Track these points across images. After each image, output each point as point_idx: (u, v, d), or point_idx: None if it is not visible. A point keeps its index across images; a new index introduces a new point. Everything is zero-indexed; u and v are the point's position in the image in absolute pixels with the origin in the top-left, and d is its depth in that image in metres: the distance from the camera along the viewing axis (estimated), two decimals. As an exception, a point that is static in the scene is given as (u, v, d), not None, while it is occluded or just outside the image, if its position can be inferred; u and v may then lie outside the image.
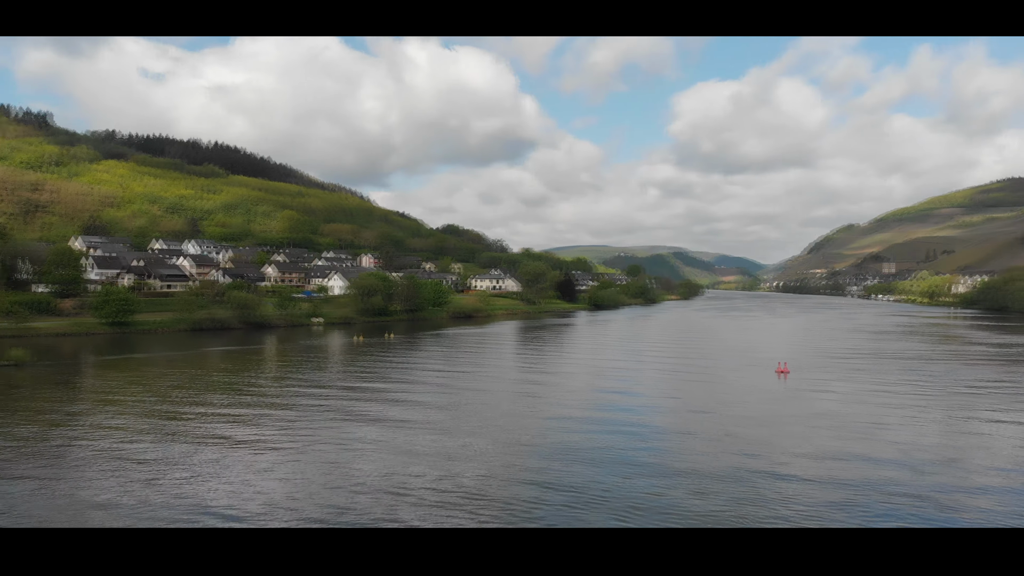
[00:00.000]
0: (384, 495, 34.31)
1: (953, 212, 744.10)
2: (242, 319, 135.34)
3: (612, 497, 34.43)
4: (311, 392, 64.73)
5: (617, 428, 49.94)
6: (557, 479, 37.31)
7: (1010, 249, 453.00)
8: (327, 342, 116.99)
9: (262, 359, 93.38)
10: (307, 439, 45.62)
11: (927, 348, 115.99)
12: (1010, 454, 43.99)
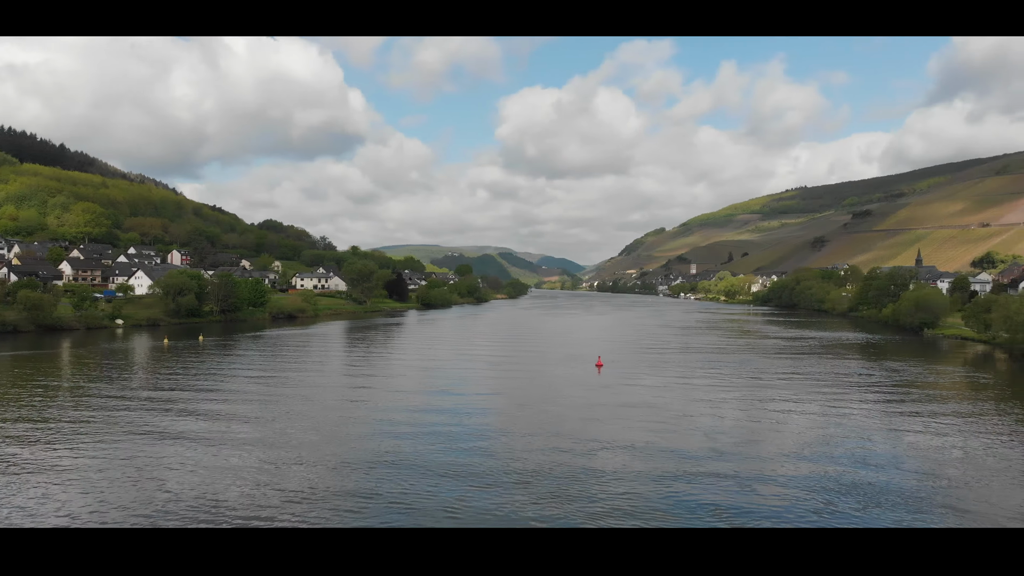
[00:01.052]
0: (189, 516, 31.82)
1: (751, 218, 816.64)
2: (33, 321, 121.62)
3: (439, 493, 34.13)
4: (104, 404, 58.00)
5: (444, 426, 49.73)
6: (379, 483, 36.44)
7: (800, 252, 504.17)
8: (130, 346, 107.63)
9: (54, 366, 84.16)
10: (98, 459, 41.29)
11: (726, 342, 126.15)
12: (799, 435, 48.58)
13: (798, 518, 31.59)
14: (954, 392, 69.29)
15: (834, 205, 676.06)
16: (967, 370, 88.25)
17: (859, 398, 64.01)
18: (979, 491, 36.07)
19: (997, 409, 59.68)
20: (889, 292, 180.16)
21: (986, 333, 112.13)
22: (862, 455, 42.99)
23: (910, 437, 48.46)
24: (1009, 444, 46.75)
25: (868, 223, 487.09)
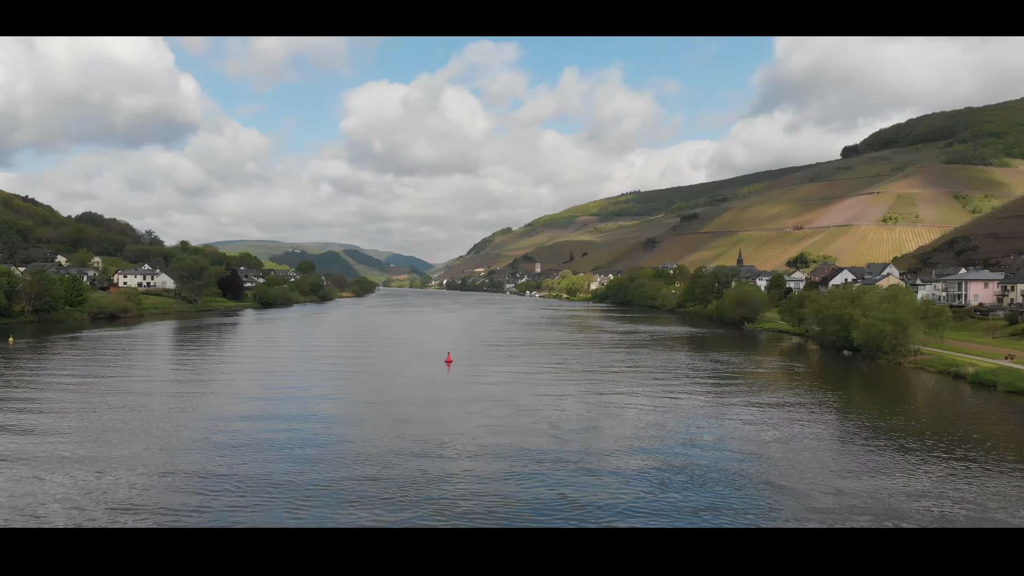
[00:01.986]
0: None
1: (591, 220, 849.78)
2: None
3: (281, 495, 33.09)
4: None
5: (284, 432, 47.99)
6: (214, 496, 34.80)
7: (634, 252, 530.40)
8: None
9: None
10: None
11: (568, 337, 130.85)
12: (635, 422, 51.33)
13: (636, 499, 33.45)
14: (772, 380, 75.82)
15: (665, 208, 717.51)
16: (783, 360, 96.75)
17: (688, 387, 68.51)
18: (794, 467, 39.78)
19: (809, 394, 65.96)
20: (713, 289, 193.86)
21: (800, 326, 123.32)
22: (691, 438, 46.15)
23: (733, 421, 52.56)
24: (819, 424, 51.90)
25: (695, 225, 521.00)
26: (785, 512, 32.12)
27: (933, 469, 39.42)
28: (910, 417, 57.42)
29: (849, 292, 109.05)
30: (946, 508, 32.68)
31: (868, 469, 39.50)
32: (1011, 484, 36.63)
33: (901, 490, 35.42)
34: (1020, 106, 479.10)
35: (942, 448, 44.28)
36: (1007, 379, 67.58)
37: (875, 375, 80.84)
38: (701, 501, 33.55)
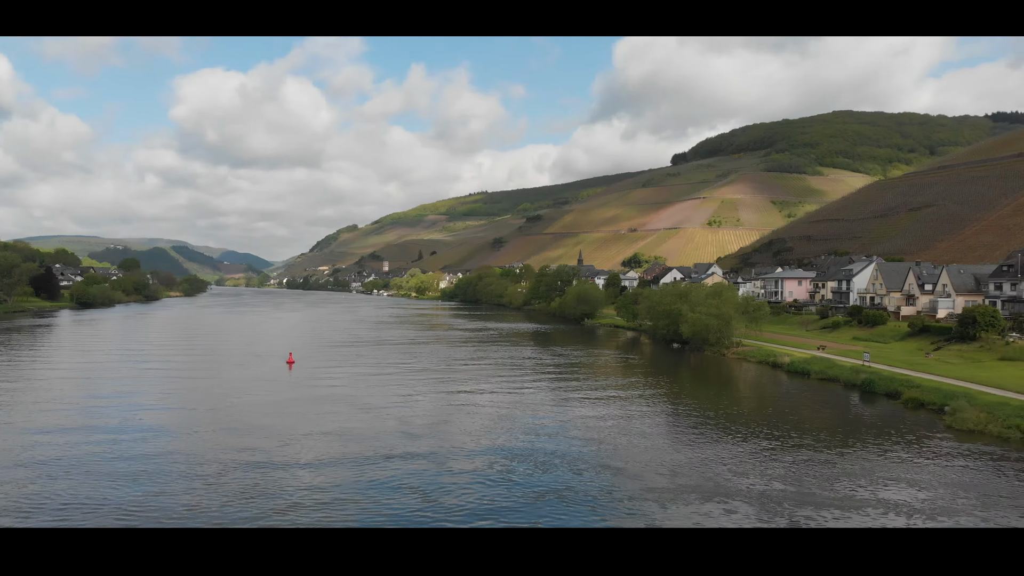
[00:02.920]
0: None
1: (439, 219, 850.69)
2: None
3: (104, 508, 30.72)
4: None
5: (107, 442, 44.61)
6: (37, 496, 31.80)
7: (482, 251, 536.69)
8: None
9: None
10: None
11: (417, 334, 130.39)
12: (483, 415, 52.07)
13: (487, 488, 33.99)
14: (609, 371, 79.42)
15: (512, 209, 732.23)
16: (619, 352, 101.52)
17: (533, 380, 70.38)
18: (630, 451, 41.93)
19: (643, 384, 69.66)
20: (556, 288, 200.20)
21: (634, 321, 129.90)
22: (536, 429, 47.51)
23: (575, 410, 54.62)
24: (653, 411, 55.01)
25: (540, 226, 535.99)
26: (620, 491, 33.82)
27: (755, 449, 42.91)
28: (734, 403, 62.14)
29: (678, 289, 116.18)
30: (767, 484, 35.68)
31: (697, 450, 42.38)
32: (824, 461, 40.58)
33: (728, 468, 38.29)
34: (832, 119, 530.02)
35: (763, 430, 48.28)
36: (819, 368, 74.67)
37: (702, 365, 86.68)
38: (545, 486, 34.64)
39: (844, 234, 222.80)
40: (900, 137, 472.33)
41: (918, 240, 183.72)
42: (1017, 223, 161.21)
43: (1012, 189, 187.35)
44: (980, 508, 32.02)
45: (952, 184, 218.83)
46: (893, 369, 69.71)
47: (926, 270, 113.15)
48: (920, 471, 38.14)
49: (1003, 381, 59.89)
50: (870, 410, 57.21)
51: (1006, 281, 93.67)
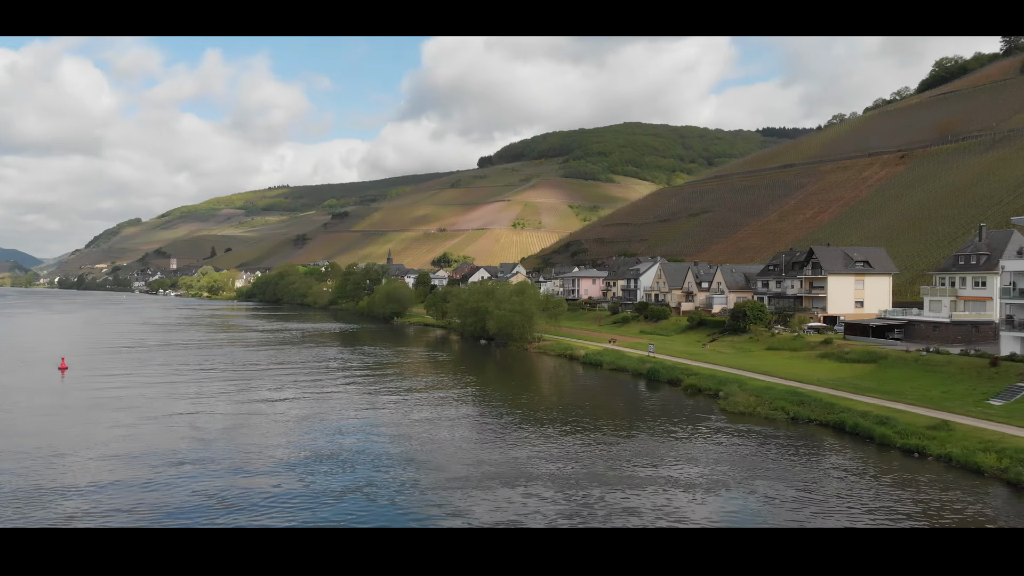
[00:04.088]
0: None
1: (236, 213, 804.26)
2: None
3: None
4: None
5: None
6: None
7: (283, 249, 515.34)
8: None
9: None
10: None
11: (211, 337, 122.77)
12: (287, 416, 50.17)
13: (288, 489, 32.78)
14: (418, 368, 79.62)
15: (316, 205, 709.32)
16: (428, 350, 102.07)
17: (339, 380, 68.88)
18: (437, 444, 42.31)
19: (451, 379, 70.56)
20: (364, 286, 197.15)
21: (443, 319, 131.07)
22: (341, 427, 46.61)
23: (382, 407, 54.21)
24: (459, 405, 55.87)
25: (346, 224, 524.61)
26: (424, 484, 34.09)
27: (554, 435, 44.95)
28: (535, 394, 64.71)
29: (485, 288, 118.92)
30: (565, 466, 37.50)
31: (503, 439, 43.68)
32: (614, 443, 43.34)
33: (529, 454, 39.81)
34: (623, 130, 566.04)
35: (561, 417, 50.68)
36: (610, 359, 79.60)
37: (506, 360, 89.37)
38: (348, 484, 34.12)
39: (633, 237, 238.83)
40: (683, 148, 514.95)
41: (697, 242, 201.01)
42: (782, 228, 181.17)
43: (778, 197, 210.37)
44: (749, 479, 35.78)
45: (727, 192, 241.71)
46: (675, 359, 75.94)
47: (703, 269, 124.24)
48: (698, 449, 41.91)
49: (769, 368, 67.23)
50: (655, 396, 61.92)
51: (772, 279, 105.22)
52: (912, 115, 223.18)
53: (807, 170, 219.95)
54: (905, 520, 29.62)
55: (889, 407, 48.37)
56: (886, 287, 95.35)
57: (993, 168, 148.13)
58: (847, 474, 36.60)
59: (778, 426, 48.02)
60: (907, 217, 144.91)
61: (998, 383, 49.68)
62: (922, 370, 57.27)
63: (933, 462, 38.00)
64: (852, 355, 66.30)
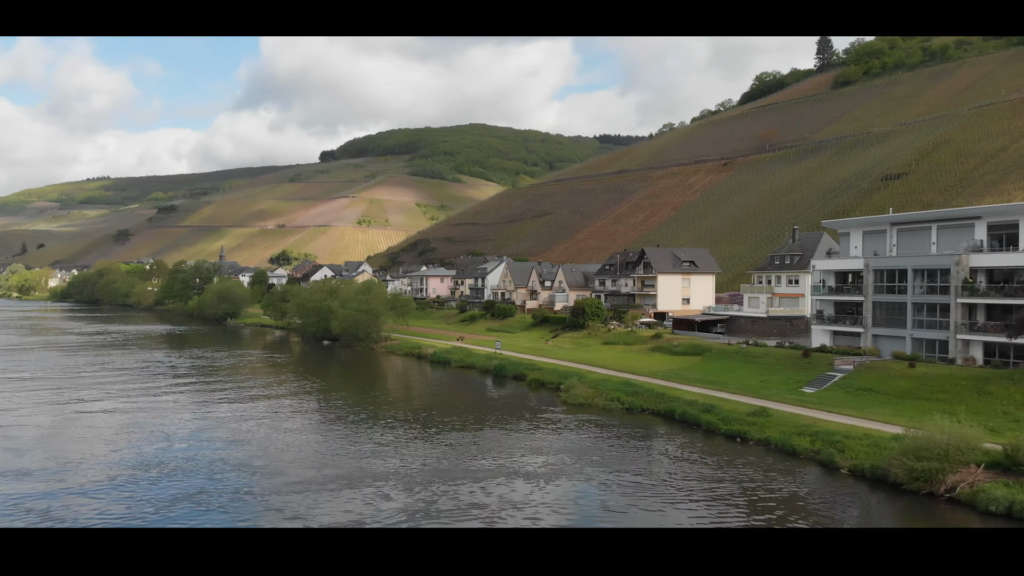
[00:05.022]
0: None
1: (49, 206, 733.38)
2: None
3: None
4: None
5: None
6: None
7: (104, 245, 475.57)
8: None
9: None
10: None
11: (21, 340, 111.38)
12: (105, 425, 46.40)
13: (110, 498, 30.37)
14: (255, 372, 76.24)
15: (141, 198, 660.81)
16: (266, 352, 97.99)
17: (167, 385, 64.69)
18: (278, 448, 40.77)
19: (292, 382, 68.15)
20: (194, 285, 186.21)
21: (283, 320, 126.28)
22: (171, 434, 43.85)
23: (217, 413, 51.47)
24: (302, 408, 54.11)
25: (174, 218, 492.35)
26: (262, 488, 32.76)
27: (402, 434, 44.61)
28: (383, 393, 63.93)
29: (328, 286, 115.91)
30: (413, 463, 37.30)
31: (347, 440, 42.79)
32: (462, 438, 43.64)
33: (376, 454, 39.27)
34: (469, 131, 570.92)
35: (409, 416, 50.39)
36: (458, 357, 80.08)
37: (352, 360, 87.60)
38: (177, 491, 32.24)
39: (480, 237, 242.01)
40: (526, 152, 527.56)
41: (540, 243, 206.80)
42: (617, 229, 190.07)
43: (614, 201, 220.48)
44: (587, 466, 37.23)
45: (567, 195, 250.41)
46: (520, 355, 77.66)
47: (546, 269, 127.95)
48: (541, 441, 43.11)
49: (606, 361, 70.27)
50: (501, 391, 63.04)
51: (608, 278, 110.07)
52: (734, 125, 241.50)
53: (640, 176, 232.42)
54: (728, 498, 31.97)
55: (714, 396, 52.02)
56: (710, 285, 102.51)
57: (806, 176, 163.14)
58: (676, 459, 38.99)
59: (614, 415, 50.32)
60: (729, 220, 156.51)
61: (810, 372, 54.73)
62: (743, 361, 62.02)
63: (754, 446, 41.29)
64: (680, 348, 70.67)
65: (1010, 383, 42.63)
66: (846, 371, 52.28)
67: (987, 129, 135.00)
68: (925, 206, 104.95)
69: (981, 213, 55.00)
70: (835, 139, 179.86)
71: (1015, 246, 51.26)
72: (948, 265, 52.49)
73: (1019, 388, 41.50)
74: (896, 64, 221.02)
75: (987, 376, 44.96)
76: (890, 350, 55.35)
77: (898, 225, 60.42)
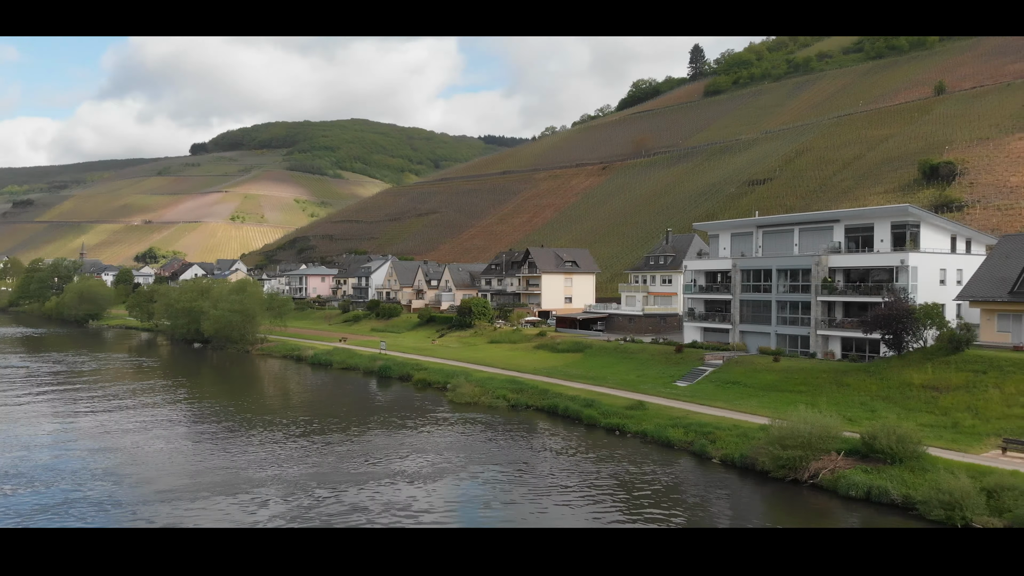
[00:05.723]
0: None
1: None
2: None
3: None
4: None
5: None
6: None
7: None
8: None
9: None
10: None
11: None
12: (-55, 438, 42.37)
13: (-51, 525, 27.70)
14: (119, 376, 71.65)
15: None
16: (132, 356, 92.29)
17: (24, 391, 59.94)
18: (146, 457, 38.48)
19: (160, 386, 64.52)
20: (53, 285, 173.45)
21: (150, 321, 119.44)
22: (30, 442, 40.72)
23: (80, 420, 48.07)
24: (171, 414, 51.34)
25: (31, 213, 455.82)
26: (129, 498, 30.88)
27: (282, 439, 43.16)
28: (260, 398, 61.63)
29: (199, 286, 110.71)
30: (294, 469, 36.16)
31: (222, 446, 40.96)
32: (347, 441, 42.70)
33: (255, 460, 37.79)
34: (350, 126, 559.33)
35: (290, 421, 48.81)
36: (340, 358, 78.31)
37: (225, 364, 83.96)
38: (36, 503, 29.97)
39: (363, 235, 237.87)
40: (411, 149, 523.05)
41: (426, 242, 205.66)
42: (502, 229, 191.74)
43: (498, 201, 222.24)
44: (473, 464, 37.32)
45: (452, 195, 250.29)
46: (406, 355, 76.91)
47: (432, 268, 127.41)
48: (426, 441, 42.84)
49: (492, 360, 70.71)
50: (386, 393, 62.19)
51: (494, 277, 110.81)
52: (612, 130, 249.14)
53: (524, 177, 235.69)
54: (607, 490, 32.87)
55: (595, 391, 53.41)
56: (591, 284, 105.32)
57: (678, 180, 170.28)
58: (559, 453, 39.74)
59: (500, 413, 50.73)
60: (608, 222, 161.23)
61: (683, 367, 57.14)
62: (621, 357, 64.01)
63: (632, 438, 42.68)
64: (563, 345, 72.13)
65: (866, 375, 46.07)
66: (716, 366, 54.95)
67: (844, 138, 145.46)
68: (788, 210, 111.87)
69: (839, 217, 59.23)
70: (705, 145, 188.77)
71: (870, 247, 55.57)
72: (809, 265, 56.20)
73: (874, 380, 44.90)
74: (763, 75, 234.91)
75: (845, 369, 48.43)
76: (756, 345, 58.73)
77: (763, 228, 64.10)
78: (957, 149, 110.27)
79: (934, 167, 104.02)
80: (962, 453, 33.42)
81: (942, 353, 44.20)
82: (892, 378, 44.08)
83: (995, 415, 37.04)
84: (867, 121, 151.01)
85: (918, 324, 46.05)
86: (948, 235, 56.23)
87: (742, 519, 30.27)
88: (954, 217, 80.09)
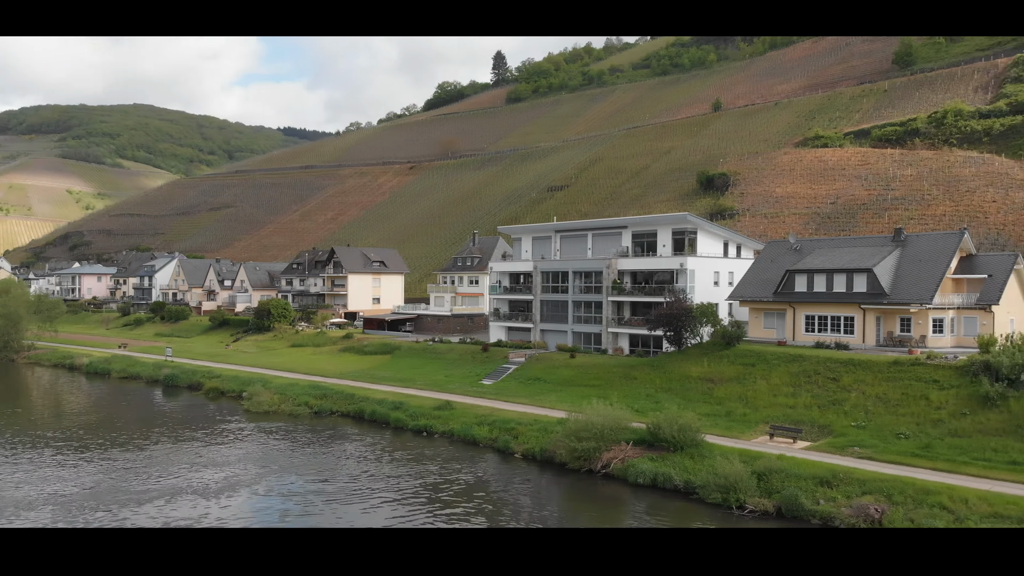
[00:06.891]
0: None
1: None
2: None
3: None
4: None
5: None
6: None
7: None
8: None
9: None
10: None
11: None
12: None
13: None
14: None
15: None
16: None
17: None
18: None
19: None
20: None
21: None
22: None
23: None
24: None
25: None
26: None
27: (50, 456, 38.85)
28: (27, 413, 55.04)
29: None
30: (63, 488, 32.66)
31: (-24, 473, 36.10)
32: (129, 457, 39.24)
33: (18, 480, 33.71)
34: (133, 112, 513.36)
35: (62, 436, 44.06)
36: (120, 366, 71.77)
37: (-17, 375, 74.10)
38: None
39: (147, 230, 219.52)
40: (201, 139, 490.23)
41: (219, 238, 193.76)
42: (305, 227, 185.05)
43: (300, 197, 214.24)
44: (269, 475, 35.83)
45: (249, 188, 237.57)
46: (196, 362, 72.07)
47: (226, 267, 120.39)
48: (218, 453, 40.47)
49: (294, 365, 68.15)
50: (174, 403, 57.96)
51: (296, 277, 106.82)
52: (420, 130, 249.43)
53: (328, 173, 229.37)
54: (411, 492, 32.94)
55: (403, 393, 53.27)
56: (399, 285, 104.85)
57: (485, 184, 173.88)
58: (364, 459, 39.24)
59: (302, 420, 49.10)
60: (417, 222, 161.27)
61: (489, 365, 58.52)
62: (429, 358, 64.37)
63: (439, 438, 43.09)
64: (370, 347, 71.22)
65: (651, 369, 49.80)
66: (519, 363, 56.93)
67: (633, 149, 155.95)
68: (583, 216, 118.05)
69: (627, 224, 63.54)
70: (509, 151, 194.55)
71: (653, 252, 60.13)
72: (601, 268, 59.83)
73: (658, 373, 48.65)
74: (560, 85, 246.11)
75: (633, 364, 52.05)
76: (556, 343, 61.61)
77: (561, 232, 67.32)
78: (731, 162, 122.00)
79: (710, 178, 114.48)
80: (736, 440, 37.13)
81: (716, 348, 48.89)
82: (674, 371, 48.03)
83: (763, 404, 41.54)
84: (654, 134, 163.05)
85: (695, 322, 50.62)
86: (722, 241, 62.21)
87: (541, 510, 31.60)
88: (727, 224, 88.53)
